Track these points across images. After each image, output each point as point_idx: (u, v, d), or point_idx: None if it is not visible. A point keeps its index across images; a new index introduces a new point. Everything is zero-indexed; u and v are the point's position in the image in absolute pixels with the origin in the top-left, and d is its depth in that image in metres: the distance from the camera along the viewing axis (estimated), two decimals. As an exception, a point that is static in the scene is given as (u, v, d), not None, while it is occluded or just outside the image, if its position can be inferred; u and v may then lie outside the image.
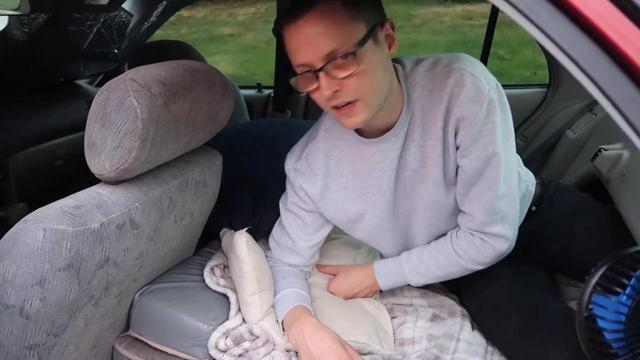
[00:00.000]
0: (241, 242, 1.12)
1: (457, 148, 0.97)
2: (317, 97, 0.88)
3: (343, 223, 1.14)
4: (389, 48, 0.90)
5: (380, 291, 1.23)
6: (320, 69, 0.83)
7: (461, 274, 1.10)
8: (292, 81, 0.90)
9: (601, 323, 0.54)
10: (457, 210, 1.07)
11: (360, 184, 1.07)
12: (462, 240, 1.05)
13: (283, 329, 1.07)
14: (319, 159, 1.08)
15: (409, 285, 1.26)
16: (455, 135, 0.96)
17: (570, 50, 0.41)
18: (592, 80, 0.40)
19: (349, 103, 0.86)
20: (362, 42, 0.82)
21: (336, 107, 0.88)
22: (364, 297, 1.19)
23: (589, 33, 0.41)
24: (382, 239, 1.15)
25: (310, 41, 0.82)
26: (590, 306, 0.55)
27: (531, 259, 1.15)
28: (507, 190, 1.00)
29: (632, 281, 0.53)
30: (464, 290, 1.17)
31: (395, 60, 1.00)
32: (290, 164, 1.12)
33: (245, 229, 1.16)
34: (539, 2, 0.43)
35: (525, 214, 1.18)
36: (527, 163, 1.26)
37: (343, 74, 0.83)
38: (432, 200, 1.04)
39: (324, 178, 1.09)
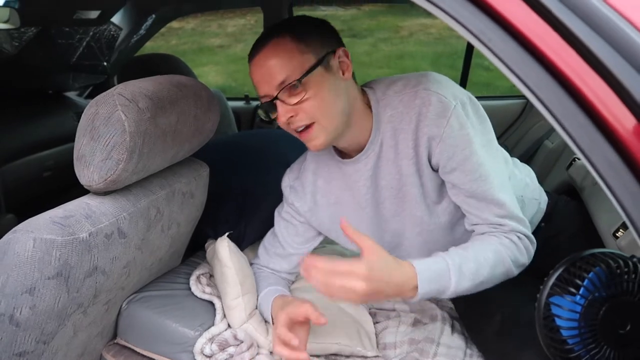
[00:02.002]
0: (223, 246, 1.16)
1: (436, 168, 1.00)
2: (280, 123, 0.96)
3: (337, 237, 1.18)
4: (343, 73, 0.97)
5: None
6: (276, 97, 0.92)
7: (497, 281, 0.97)
8: (260, 112, 1.00)
9: (558, 322, 0.58)
10: (451, 227, 1.08)
11: (347, 199, 1.11)
12: (503, 238, 0.98)
13: (273, 322, 1.08)
14: (309, 178, 1.14)
15: None
16: (430, 155, 0.98)
17: (518, 71, 0.46)
18: (537, 97, 0.45)
19: (306, 127, 0.93)
20: (307, 72, 0.91)
21: (298, 132, 0.94)
22: (382, 299, 1.03)
23: (536, 57, 0.46)
24: None
25: (266, 73, 0.93)
26: (548, 306, 0.59)
27: (532, 270, 1.15)
28: (507, 197, 0.99)
29: (586, 282, 0.57)
30: None
31: (366, 85, 1.05)
32: (287, 181, 1.18)
33: (227, 233, 1.20)
34: (490, 27, 0.47)
35: (534, 228, 1.18)
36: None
37: (294, 100, 0.92)
38: (418, 218, 1.06)
39: (314, 195, 1.14)
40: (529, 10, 0.49)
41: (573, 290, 0.57)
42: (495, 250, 0.95)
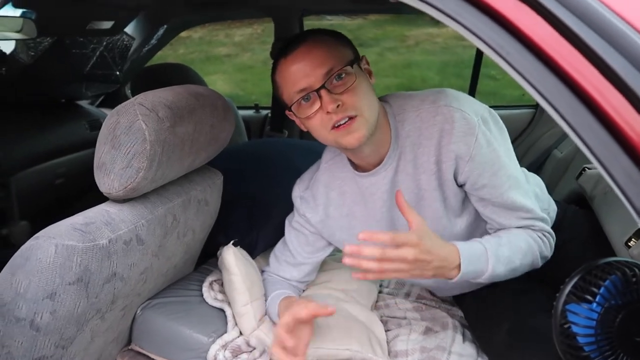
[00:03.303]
0: (228, 254, 1.17)
1: (463, 184, 1.01)
2: (317, 121, 0.94)
3: None
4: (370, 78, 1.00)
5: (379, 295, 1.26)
6: (322, 87, 0.92)
7: (525, 270, 1.03)
8: (289, 112, 0.99)
9: (575, 329, 0.59)
10: (467, 236, 1.09)
11: (361, 212, 1.12)
12: (532, 232, 1.04)
13: None
14: (321, 190, 1.15)
15: (403, 298, 1.30)
16: (457, 173, 0.99)
17: (535, 83, 0.48)
18: (554, 107, 0.46)
19: (349, 119, 0.92)
20: (352, 62, 0.94)
21: (336, 127, 0.93)
22: (426, 275, 0.97)
23: (552, 69, 0.48)
24: None
25: (310, 64, 0.93)
26: (565, 313, 0.60)
27: (541, 279, 1.16)
28: (531, 201, 1.04)
29: (602, 290, 0.58)
30: (468, 295, 1.21)
31: (381, 99, 1.06)
32: (298, 192, 1.18)
33: (232, 241, 1.21)
34: (509, 42, 0.49)
35: None
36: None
37: (341, 88, 0.92)
38: (436, 232, 1.04)
39: (326, 208, 1.15)
40: (546, 24, 0.50)
41: (589, 297, 0.58)
42: (526, 241, 1.01)
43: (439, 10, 0.54)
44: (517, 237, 1.02)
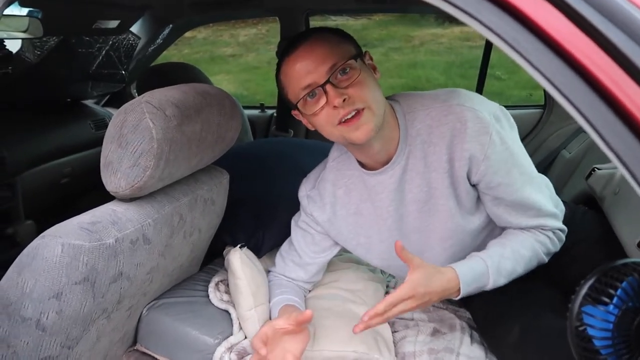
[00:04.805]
0: (234, 258, 1.17)
1: (476, 184, 1.01)
2: (324, 117, 0.94)
3: (355, 247, 1.18)
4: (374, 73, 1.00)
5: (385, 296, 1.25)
6: (327, 82, 0.92)
7: (529, 270, 1.06)
8: (295, 111, 0.99)
9: (591, 331, 0.58)
10: (478, 233, 1.09)
11: (368, 210, 1.12)
12: (539, 234, 1.06)
13: None
14: (328, 188, 1.14)
15: None
16: (470, 173, 0.99)
17: (553, 78, 0.46)
18: (573, 105, 0.45)
19: (356, 113, 0.92)
20: (356, 56, 0.94)
21: (343, 122, 0.92)
22: (433, 302, 1.02)
23: (570, 64, 0.47)
24: (396, 266, 1.17)
25: (314, 61, 0.93)
26: (580, 316, 0.59)
27: (549, 280, 1.16)
28: (543, 196, 1.05)
29: (619, 292, 0.57)
30: (475, 298, 1.20)
31: (390, 98, 1.05)
32: (304, 191, 1.18)
33: (239, 245, 1.20)
34: (525, 37, 0.48)
35: None
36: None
37: (347, 82, 0.92)
38: (450, 231, 1.07)
39: (333, 206, 1.14)
40: (563, 17, 0.49)
41: (606, 299, 0.57)
42: (532, 248, 1.04)
43: (451, 4, 0.53)
44: (522, 245, 1.03)
